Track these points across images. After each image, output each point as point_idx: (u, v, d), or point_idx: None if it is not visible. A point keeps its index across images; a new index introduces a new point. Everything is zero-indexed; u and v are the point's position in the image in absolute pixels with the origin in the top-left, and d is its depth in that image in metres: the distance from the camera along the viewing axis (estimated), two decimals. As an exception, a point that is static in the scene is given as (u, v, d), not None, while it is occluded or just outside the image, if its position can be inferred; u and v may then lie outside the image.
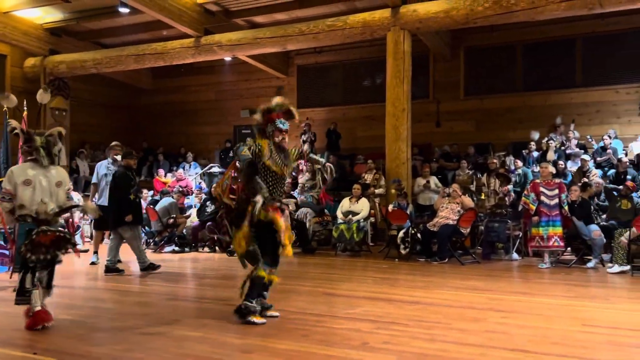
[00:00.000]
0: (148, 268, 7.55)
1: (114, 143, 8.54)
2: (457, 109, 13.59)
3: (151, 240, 10.65)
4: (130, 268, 8.18)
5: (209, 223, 10.15)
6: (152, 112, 17.20)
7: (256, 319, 4.36)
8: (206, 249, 10.27)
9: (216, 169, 13.80)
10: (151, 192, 12.72)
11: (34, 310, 4.29)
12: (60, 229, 4.54)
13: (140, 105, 17.57)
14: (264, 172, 4.50)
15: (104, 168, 8.25)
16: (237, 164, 4.60)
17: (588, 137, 11.81)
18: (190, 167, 14.65)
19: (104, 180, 8.15)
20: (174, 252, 9.94)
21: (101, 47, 14.79)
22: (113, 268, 7.41)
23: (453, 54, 13.59)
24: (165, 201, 10.73)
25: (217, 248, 10.14)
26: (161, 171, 14.16)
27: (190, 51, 12.44)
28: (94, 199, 8.34)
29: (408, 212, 9.27)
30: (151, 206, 10.73)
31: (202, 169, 14.24)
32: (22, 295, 4.31)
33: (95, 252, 8.29)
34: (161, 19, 11.59)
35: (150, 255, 9.64)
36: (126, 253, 8.08)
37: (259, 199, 4.36)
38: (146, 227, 10.94)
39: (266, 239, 4.47)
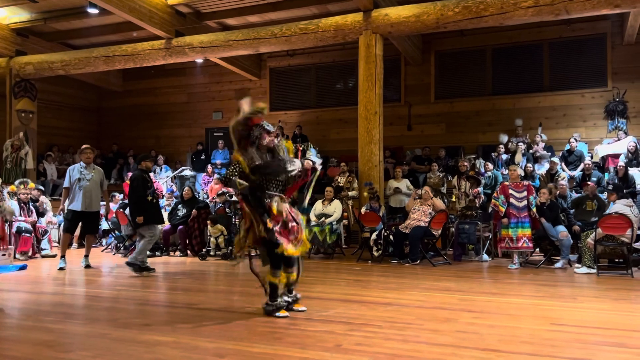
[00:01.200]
0: (143, 269, 7.60)
1: (84, 146, 8.42)
2: (427, 112, 13.75)
3: (121, 245, 10.47)
4: (102, 272, 8.05)
5: (180, 227, 10.05)
6: (122, 115, 16.94)
7: (280, 313, 4.68)
8: (177, 252, 10.16)
9: (187, 172, 13.67)
10: (121, 196, 12.50)
11: None
12: None
13: (110, 107, 17.29)
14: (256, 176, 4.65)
15: (77, 172, 8.13)
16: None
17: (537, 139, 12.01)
18: (161, 170, 14.48)
19: (77, 184, 8.04)
20: (144, 256, 9.77)
21: (70, 48, 14.51)
22: (144, 267, 7.64)
23: (424, 58, 13.75)
24: (136, 205, 10.55)
25: (188, 252, 10.04)
26: (130, 174, 13.94)
27: (161, 53, 12.30)
28: (64, 203, 8.19)
29: (380, 214, 9.34)
30: (121, 210, 10.54)
31: (173, 172, 14.08)
32: None
33: (63, 257, 8.12)
34: (131, 20, 11.41)
35: (120, 260, 9.51)
36: (99, 257, 7.94)
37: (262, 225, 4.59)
38: (116, 232, 10.77)
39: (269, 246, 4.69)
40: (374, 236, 9.10)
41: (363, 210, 9.59)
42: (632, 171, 10.34)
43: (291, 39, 11.07)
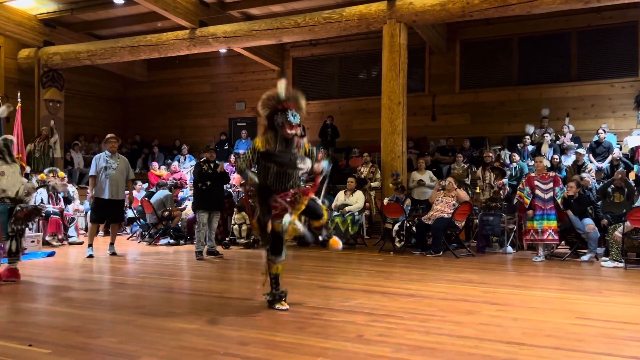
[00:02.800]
0: (211, 253, 8.27)
1: (109, 135, 8.57)
2: (452, 102, 13.59)
3: (146, 233, 10.63)
4: (127, 259, 8.19)
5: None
6: (146, 104, 17.12)
7: (281, 306, 4.63)
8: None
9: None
10: (146, 185, 12.69)
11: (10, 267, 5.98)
12: (30, 205, 6.34)
13: (134, 97, 17.48)
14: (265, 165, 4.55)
15: (103, 161, 8.27)
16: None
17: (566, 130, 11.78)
18: (185, 159, 14.62)
19: (103, 173, 8.18)
20: (169, 244, 9.93)
21: (96, 38, 14.70)
22: (211, 252, 8.30)
23: (449, 47, 13.58)
24: (161, 194, 10.69)
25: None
26: (155, 164, 14.12)
27: (185, 43, 12.38)
28: (92, 191, 8.32)
29: (405, 206, 9.28)
30: (146, 199, 10.70)
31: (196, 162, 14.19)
32: (12, 256, 6.02)
33: (90, 245, 8.27)
34: (156, 11, 11.50)
35: (145, 248, 9.66)
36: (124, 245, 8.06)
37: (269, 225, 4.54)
38: (141, 220, 10.93)
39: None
40: (396, 227, 9.06)
41: (386, 201, 9.55)
42: (663, 163, 10.10)
43: (314, 29, 11.03)
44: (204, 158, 8.41)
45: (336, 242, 4.95)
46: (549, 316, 4.47)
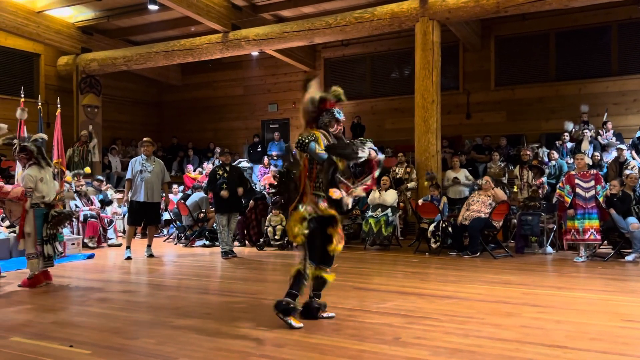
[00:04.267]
0: (228, 253, 8.39)
1: (144, 139, 8.72)
2: (487, 99, 13.35)
3: (182, 235, 10.77)
4: (164, 261, 8.30)
5: (239, 217, 10.21)
6: (181, 108, 17.38)
7: (294, 322, 4.07)
8: (236, 242, 10.33)
9: (244, 164, 13.84)
10: (182, 187, 12.86)
11: (33, 274, 5.99)
12: (63, 210, 6.51)
13: (170, 101, 17.77)
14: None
15: (138, 164, 8.42)
16: (307, 162, 4.24)
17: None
18: (219, 162, 14.75)
19: (139, 176, 8.33)
20: (204, 246, 10.03)
21: (131, 44, 14.99)
22: (226, 251, 8.40)
23: (483, 43, 13.34)
24: (196, 196, 10.83)
25: (246, 242, 10.20)
26: (190, 167, 14.31)
27: (218, 47, 12.51)
28: (128, 194, 8.49)
29: (441, 205, 9.14)
30: (182, 201, 10.84)
31: (231, 164, 14.31)
32: (47, 260, 6.08)
33: (128, 247, 8.42)
34: (189, 15, 11.66)
35: (181, 250, 9.78)
36: (161, 246, 8.17)
37: (348, 197, 4.26)
38: (177, 222, 11.08)
39: (316, 235, 4.23)
40: (431, 227, 8.93)
41: (420, 201, 9.42)
42: None
43: (346, 29, 10.98)
44: (220, 162, 8.62)
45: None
46: (593, 319, 4.32)
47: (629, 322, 4.26)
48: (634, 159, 10.45)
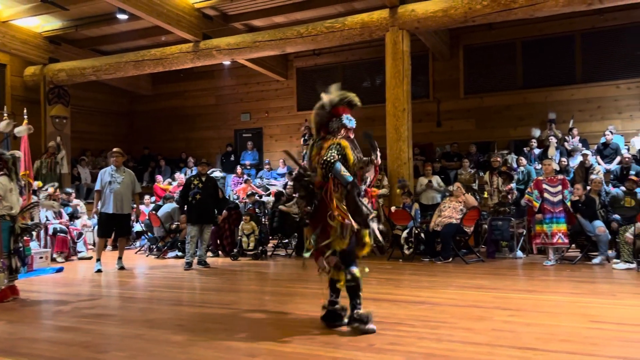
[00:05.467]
0: (190, 264, 8.32)
1: (114, 150, 8.60)
2: (457, 107, 13.55)
3: (154, 246, 10.62)
4: (135, 273, 8.17)
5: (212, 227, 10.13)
6: (152, 118, 17.19)
7: (373, 326, 4.12)
8: (209, 253, 10.24)
9: (217, 174, 13.77)
10: (153, 198, 12.71)
11: (0, 288, 5.84)
12: (31, 223, 6.70)
13: (140, 111, 17.56)
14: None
15: (108, 175, 8.29)
16: (332, 181, 4.14)
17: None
18: (191, 172, 14.63)
19: (108, 187, 8.19)
20: (177, 257, 9.90)
21: (100, 54, 14.79)
22: (190, 262, 8.32)
23: (452, 53, 13.56)
24: (168, 207, 10.70)
25: (220, 252, 10.12)
26: (159, 177, 14.14)
27: (189, 56, 12.43)
28: (97, 206, 8.35)
29: (413, 212, 9.23)
30: (153, 212, 10.71)
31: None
32: (13, 273, 6.00)
33: (98, 260, 8.27)
34: (160, 25, 11.57)
35: (153, 262, 9.65)
36: (132, 259, 8.05)
37: (370, 227, 4.22)
38: (148, 233, 10.93)
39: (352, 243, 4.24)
40: (404, 234, 9.01)
41: (393, 208, 9.50)
42: (672, 163, 10.00)
43: (317, 38, 11.05)
44: (196, 172, 8.60)
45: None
46: (562, 320, 4.41)
47: (596, 323, 4.36)
48: (598, 164, 10.73)
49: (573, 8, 9.18)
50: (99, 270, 8.10)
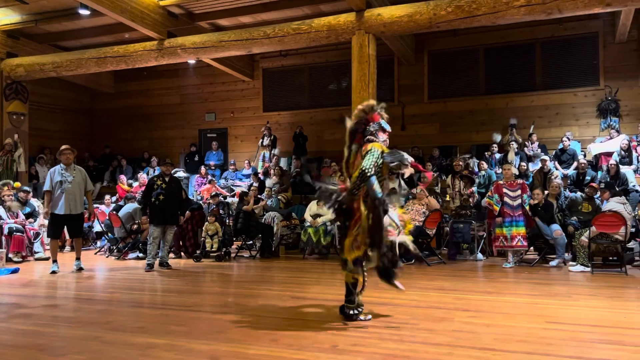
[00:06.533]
0: (152, 266, 8.18)
1: (63, 147, 8.21)
2: (421, 112, 13.75)
3: (114, 247, 10.41)
4: (95, 274, 7.99)
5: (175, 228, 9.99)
6: (114, 116, 16.85)
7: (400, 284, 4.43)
8: (171, 254, 10.10)
9: (181, 174, 13.61)
10: (114, 198, 12.45)
11: None
12: None
13: (102, 109, 17.20)
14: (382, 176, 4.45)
15: (58, 175, 7.98)
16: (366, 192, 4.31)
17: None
18: (154, 171, 14.39)
19: (59, 187, 7.91)
20: (138, 258, 9.73)
21: (61, 50, 14.41)
22: (151, 264, 8.16)
23: (417, 58, 13.75)
24: (130, 207, 10.50)
25: (182, 254, 9.99)
26: (122, 177, 13.88)
27: (153, 54, 12.23)
28: (48, 207, 8.03)
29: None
30: (114, 212, 10.49)
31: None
32: None
33: (55, 261, 8.04)
34: (123, 21, 11.34)
35: (114, 263, 9.45)
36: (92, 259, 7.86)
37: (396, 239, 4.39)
38: (109, 234, 10.70)
39: None
40: (368, 236, 9.06)
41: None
42: (625, 169, 10.37)
43: (284, 40, 11.03)
44: (159, 172, 8.46)
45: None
46: (520, 321, 4.52)
47: (552, 324, 4.48)
48: (556, 169, 11.06)
49: (534, 17, 9.43)
50: (54, 272, 7.87)
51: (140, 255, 9.79)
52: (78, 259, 8.30)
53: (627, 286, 6.51)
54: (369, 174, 4.27)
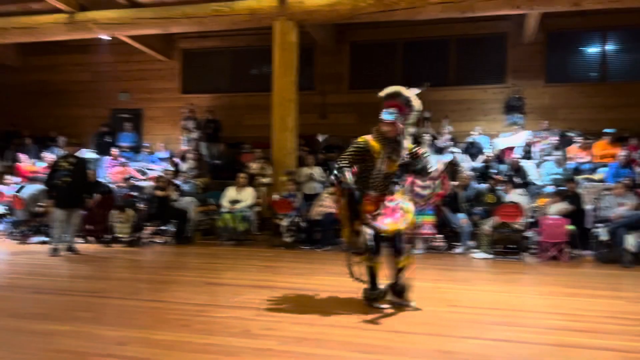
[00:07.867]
0: (57, 250, 7.82)
1: None
2: (341, 101, 13.93)
3: (16, 230, 9.81)
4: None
5: (84, 212, 9.57)
6: (19, 92, 15.73)
7: (380, 304, 4.58)
8: (79, 239, 9.67)
9: (90, 155, 12.98)
10: (16, 179, 11.70)
11: None
12: None
13: (5, 84, 16.01)
14: (368, 169, 4.54)
15: None
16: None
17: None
18: (62, 152, 13.65)
19: None
20: (42, 242, 9.24)
21: (-42, 16, 13.27)
22: (55, 249, 7.80)
23: (339, 48, 13.91)
24: (33, 188, 9.92)
25: (90, 238, 9.60)
26: (23, 156, 13.00)
27: (64, 28, 11.55)
28: None
29: (296, 202, 9.39)
30: (17, 193, 9.88)
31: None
32: None
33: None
34: (30, -9, 10.65)
35: (15, 247, 8.93)
36: None
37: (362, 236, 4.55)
38: (10, 216, 10.08)
39: None
40: (285, 222, 9.15)
41: (276, 197, 9.60)
42: (526, 163, 11.09)
43: (204, 21, 10.80)
44: (66, 153, 8.15)
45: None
46: (424, 305, 4.74)
47: (453, 307, 4.76)
48: (465, 161, 11.62)
49: (449, 14, 9.83)
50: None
51: (45, 239, 9.30)
52: None
53: (522, 272, 7.03)
54: (337, 165, 4.49)
